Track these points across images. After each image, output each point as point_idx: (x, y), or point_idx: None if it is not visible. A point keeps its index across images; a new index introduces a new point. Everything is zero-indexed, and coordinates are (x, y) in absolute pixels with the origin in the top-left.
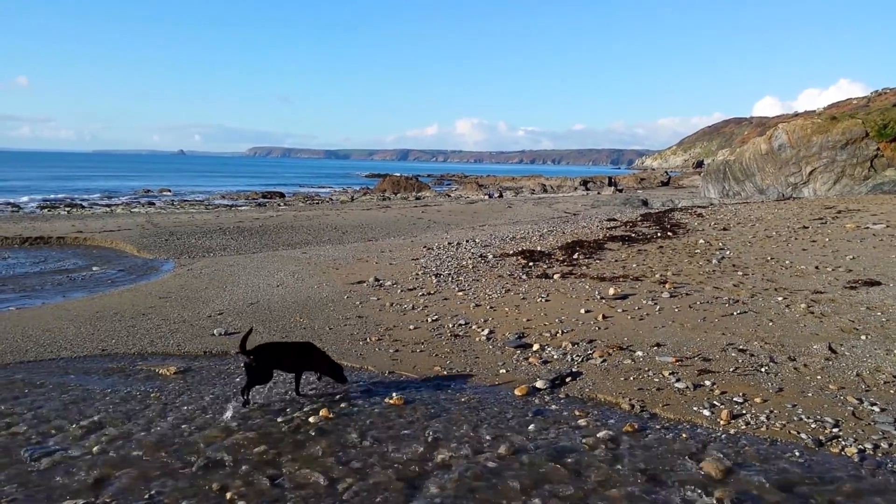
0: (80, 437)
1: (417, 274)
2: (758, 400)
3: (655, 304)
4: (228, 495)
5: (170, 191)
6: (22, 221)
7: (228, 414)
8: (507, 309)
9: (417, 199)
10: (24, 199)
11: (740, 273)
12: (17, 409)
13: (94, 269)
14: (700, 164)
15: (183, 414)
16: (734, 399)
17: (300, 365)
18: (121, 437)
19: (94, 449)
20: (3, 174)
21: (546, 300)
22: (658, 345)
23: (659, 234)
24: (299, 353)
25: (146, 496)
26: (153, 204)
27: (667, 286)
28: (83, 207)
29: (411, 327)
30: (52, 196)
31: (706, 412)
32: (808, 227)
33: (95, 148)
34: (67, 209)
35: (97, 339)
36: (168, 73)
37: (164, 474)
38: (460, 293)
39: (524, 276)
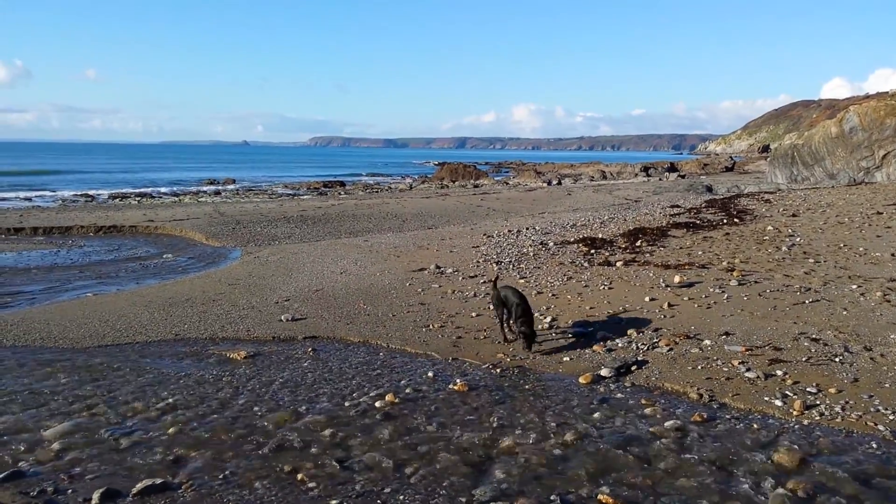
0: (156, 419)
1: (478, 261)
2: (832, 390)
3: (723, 292)
4: (299, 476)
5: (234, 181)
6: (96, 211)
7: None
8: (569, 296)
9: (475, 186)
10: (97, 190)
11: (811, 260)
12: (97, 391)
13: (166, 256)
14: (766, 148)
15: (254, 397)
16: (807, 389)
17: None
18: (195, 418)
19: (171, 430)
20: (78, 166)
21: (609, 288)
22: (726, 333)
23: (725, 221)
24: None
25: (221, 476)
26: (219, 194)
27: (734, 274)
28: (152, 197)
29: (473, 314)
30: (123, 188)
31: (778, 402)
32: (882, 213)
33: (162, 139)
34: (138, 199)
35: (170, 324)
36: (230, 64)
37: (237, 455)
38: (522, 280)
39: (586, 264)
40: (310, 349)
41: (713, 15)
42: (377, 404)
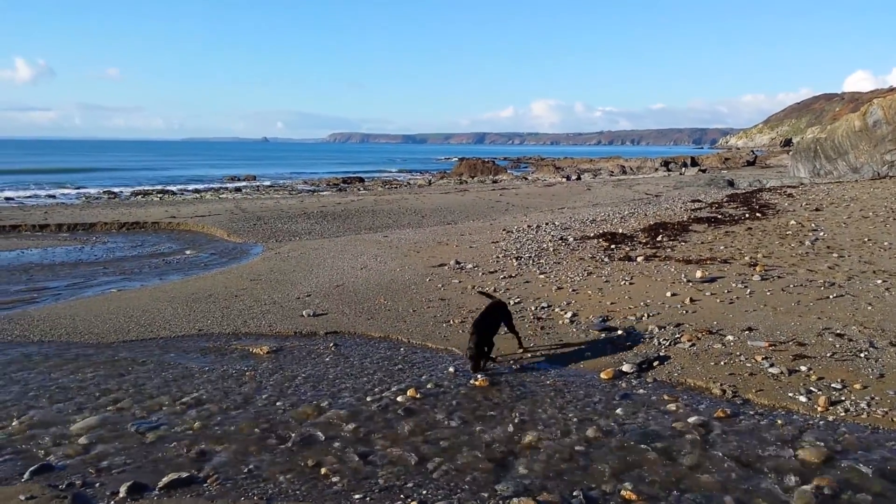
0: (181, 413)
1: (498, 257)
2: (857, 386)
3: (746, 287)
4: (323, 471)
5: (255, 177)
6: (119, 208)
7: None
8: (589, 292)
9: (494, 182)
10: (120, 187)
11: (835, 255)
12: (122, 386)
13: (188, 252)
14: (788, 142)
15: (277, 392)
16: (832, 385)
17: None
18: (220, 413)
19: (195, 424)
20: (101, 163)
21: (630, 283)
22: (749, 329)
23: (747, 216)
24: None
25: (245, 470)
26: (240, 190)
27: (757, 269)
28: (174, 194)
29: None
30: (146, 185)
31: (802, 398)
32: None
33: (183, 136)
34: (160, 195)
35: (193, 319)
36: (249, 61)
37: (261, 450)
38: (542, 276)
39: (606, 259)
40: (331, 344)
41: (732, 8)
42: (399, 399)
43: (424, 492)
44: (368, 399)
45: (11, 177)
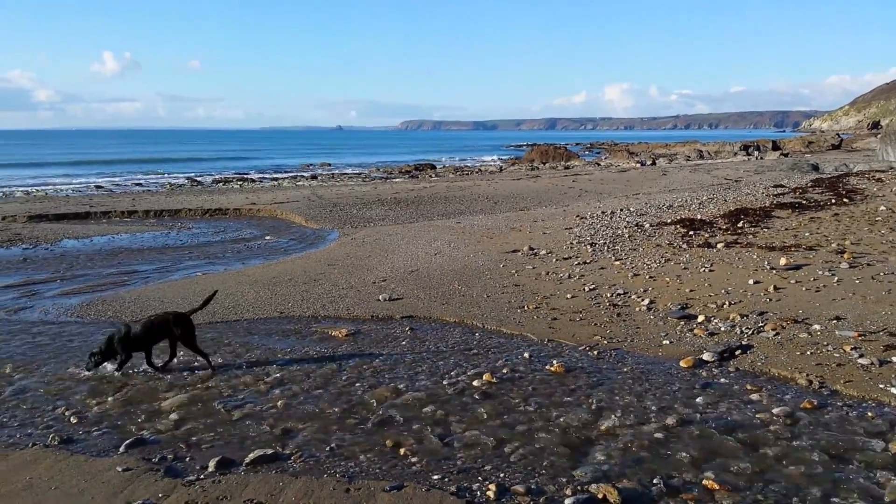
0: (265, 392)
1: (572, 243)
2: None
3: (833, 275)
4: (402, 451)
5: (330, 165)
6: (201, 195)
7: None
8: (667, 279)
9: (566, 168)
10: (202, 175)
11: None
12: None
13: (268, 238)
14: (876, 125)
15: (356, 373)
16: None
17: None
18: (301, 393)
19: (279, 403)
20: (184, 152)
21: (710, 270)
22: (837, 318)
23: (833, 201)
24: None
25: (327, 448)
26: (316, 178)
27: (845, 256)
28: (253, 181)
29: (568, 296)
30: (226, 172)
31: (894, 390)
32: None
33: (261, 125)
34: (240, 183)
35: (275, 302)
36: (324, 52)
37: (342, 429)
38: (617, 262)
39: (684, 246)
40: (407, 328)
41: None
42: (475, 383)
43: (502, 475)
44: (445, 382)
45: (101, 166)
